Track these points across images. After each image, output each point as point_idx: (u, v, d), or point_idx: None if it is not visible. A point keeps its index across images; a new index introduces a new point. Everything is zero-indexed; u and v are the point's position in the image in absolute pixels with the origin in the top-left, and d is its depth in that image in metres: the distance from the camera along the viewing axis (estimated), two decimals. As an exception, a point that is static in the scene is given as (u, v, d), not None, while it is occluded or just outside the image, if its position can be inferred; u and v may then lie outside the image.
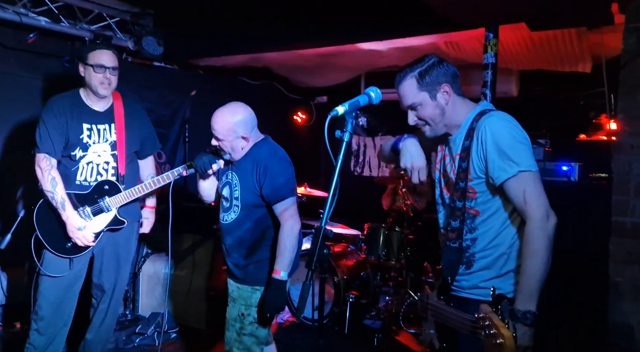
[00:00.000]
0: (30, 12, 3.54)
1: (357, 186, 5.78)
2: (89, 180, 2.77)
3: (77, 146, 2.74)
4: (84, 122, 2.76)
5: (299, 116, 6.20)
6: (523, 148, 1.65)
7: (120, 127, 2.82)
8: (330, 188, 1.51)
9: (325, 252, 1.48)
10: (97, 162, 2.78)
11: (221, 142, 2.34)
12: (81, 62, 2.74)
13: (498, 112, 1.75)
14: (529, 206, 1.61)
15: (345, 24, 3.52)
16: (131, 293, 4.16)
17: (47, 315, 2.70)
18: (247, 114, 2.37)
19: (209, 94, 4.92)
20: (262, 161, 2.30)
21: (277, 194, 2.28)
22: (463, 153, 1.74)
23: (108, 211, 2.76)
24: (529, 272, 1.59)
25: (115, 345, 3.64)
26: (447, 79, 1.75)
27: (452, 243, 1.78)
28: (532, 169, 1.63)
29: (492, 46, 3.02)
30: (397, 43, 3.87)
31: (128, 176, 2.85)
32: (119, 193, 2.77)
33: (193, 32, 4.20)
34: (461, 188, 1.75)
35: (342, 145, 1.54)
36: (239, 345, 2.32)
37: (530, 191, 1.61)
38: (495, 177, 1.66)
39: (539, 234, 1.58)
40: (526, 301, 1.58)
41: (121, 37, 4.12)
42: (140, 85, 4.38)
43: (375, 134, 6.11)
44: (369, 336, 3.86)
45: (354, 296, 3.96)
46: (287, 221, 2.28)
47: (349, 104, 1.58)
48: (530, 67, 4.13)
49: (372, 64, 4.75)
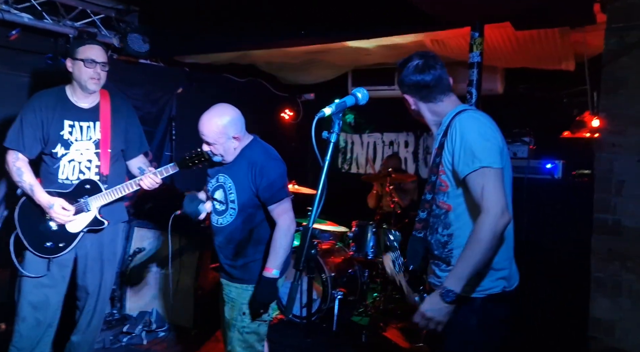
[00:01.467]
0: (12, 9, 3.48)
1: (344, 183, 5.79)
2: (71, 178, 2.71)
3: (58, 143, 2.68)
4: (65, 119, 2.70)
5: (286, 113, 6.19)
6: (488, 145, 1.71)
7: (105, 125, 2.75)
8: (318, 190, 1.52)
9: (312, 252, 1.49)
10: (79, 160, 2.71)
11: (213, 146, 2.32)
12: (69, 58, 2.69)
13: (472, 111, 1.84)
14: (485, 201, 1.66)
15: (332, 22, 3.52)
16: (118, 292, 4.13)
17: (28, 316, 2.66)
18: (235, 114, 2.35)
19: (195, 91, 4.90)
20: (257, 163, 2.31)
21: (275, 195, 2.30)
22: (438, 149, 1.83)
23: (88, 210, 2.69)
24: (466, 257, 1.67)
25: (102, 345, 3.61)
26: (409, 90, 1.89)
27: (417, 233, 1.89)
28: (494, 166, 1.69)
29: (478, 45, 3.04)
30: (384, 41, 3.88)
31: (112, 175, 2.78)
32: (99, 193, 2.70)
33: (179, 29, 4.16)
34: (432, 181, 1.84)
35: (329, 146, 1.55)
36: (242, 344, 2.35)
37: (489, 187, 1.66)
38: (459, 171, 1.73)
39: (487, 228, 1.64)
40: (454, 282, 1.66)
41: (106, 34, 4.07)
42: (125, 82, 4.34)
43: (363, 132, 6.13)
44: (357, 332, 3.89)
45: (341, 293, 3.97)
46: (284, 221, 2.31)
47: (335, 105, 1.59)
48: (515, 65, 4.18)
49: (359, 62, 4.76)
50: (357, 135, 6.17)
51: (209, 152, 2.36)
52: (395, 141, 5.90)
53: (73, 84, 2.73)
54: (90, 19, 3.93)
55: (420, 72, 1.84)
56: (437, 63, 1.86)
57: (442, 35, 3.65)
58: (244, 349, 2.36)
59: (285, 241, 2.29)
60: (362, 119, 6.13)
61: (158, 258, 4.12)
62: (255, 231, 2.37)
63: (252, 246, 2.38)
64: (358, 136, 6.16)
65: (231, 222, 2.38)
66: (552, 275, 2.77)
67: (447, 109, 1.87)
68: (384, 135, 5.99)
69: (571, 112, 4.24)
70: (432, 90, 1.85)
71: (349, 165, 6.22)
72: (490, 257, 1.68)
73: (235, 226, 2.37)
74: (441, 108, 1.88)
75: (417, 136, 5.75)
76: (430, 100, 1.87)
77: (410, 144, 5.79)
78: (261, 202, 2.34)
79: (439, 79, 1.84)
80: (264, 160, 2.33)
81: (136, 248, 4.15)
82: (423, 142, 5.69)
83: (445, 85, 1.87)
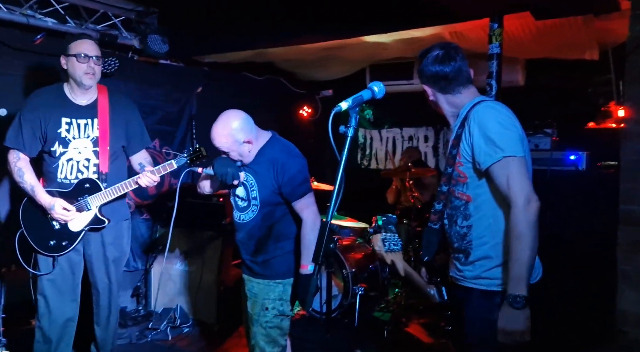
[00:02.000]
0: (37, 14, 3.57)
1: (364, 179, 5.78)
2: (70, 178, 2.71)
3: (56, 141, 2.67)
4: (63, 117, 2.68)
5: (305, 110, 6.20)
6: (509, 134, 1.69)
7: (103, 122, 2.72)
8: (335, 184, 1.52)
9: (331, 246, 1.50)
10: (78, 159, 2.70)
11: (228, 153, 2.39)
12: (63, 55, 2.69)
13: (490, 101, 1.82)
14: (512, 192, 1.64)
15: (349, 17, 3.50)
16: (143, 289, 4.22)
17: (46, 312, 2.73)
18: (240, 119, 2.37)
19: (214, 90, 4.94)
20: (278, 160, 2.35)
21: (297, 192, 2.34)
22: (455, 140, 1.82)
23: (88, 209, 2.69)
24: (515, 256, 1.63)
25: (129, 340, 3.70)
26: (427, 81, 1.88)
27: (433, 225, 1.88)
28: (517, 154, 1.67)
29: (497, 36, 3.00)
30: (401, 35, 3.85)
31: (112, 173, 2.76)
32: (99, 192, 2.69)
33: (197, 29, 4.21)
34: (448, 173, 1.83)
35: (346, 141, 1.55)
36: (265, 338, 2.40)
37: (514, 176, 1.65)
38: (481, 162, 1.71)
39: (522, 219, 1.62)
40: (515, 286, 1.61)
41: (127, 36, 4.14)
42: (146, 83, 4.41)
43: (382, 127, 6.10)
44: (379, 328, 3.89)
45: (363, 288, 3.98)
46: (309, 216, 2.35)
47: (352, 100, 1.58)
48: (536, 56, 4.09)
49: (377, 56, 4.73)
50: (376, 130, 6.14)
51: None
52: (415, 136, 5.85)
53: (70, 81, 2.73)
54: (111, 22, 4.01)
55: (440, 63, 1.82)
56: (458, 54, 1.84)
57: (461, 28, 3.60)
58: (267, 344, 2.40)
59: (314, 235, 2.28)
60: (380, 114, 6.09)
61: (181, 255, 4.20)
62: (276, 227, 2.40)
63: (273, 242, 2.41)
64: (377, 131, 6.14)
65: (253, 218, 2.42)
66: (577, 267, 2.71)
67: (465, 101, 1.86)
68: (403, 130, 5.95)
69: (596, 102, 4.13)
70: (451, 82, 1.83)
71: (368, 161, 6.20)
72: (536, 247, 1.64)
73: (256, 222, 2.41)
74: (459, 100, 1.87)
75: (436, 130, 5.69)
76: (449, 92, 1.86)
77: (430, 139, 5.73)
78: (284, 198, 2.37)
79: (459, 70, 1.83)
80: (285, 158, 2.37)
81: (159, 246, 4.23)
82: (443, 137, 5.63)
83: (465, 78, 1.85)
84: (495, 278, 1.75)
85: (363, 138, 6.24)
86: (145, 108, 4.41)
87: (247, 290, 2.51)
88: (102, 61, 2.71)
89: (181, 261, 4.18)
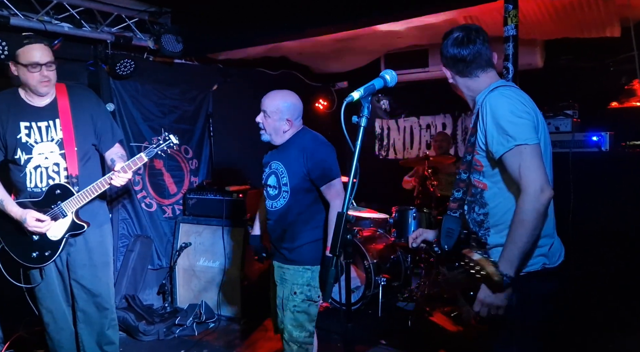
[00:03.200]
0: (53, 20, 3.64)
1: (383, 170, 5.75)
2: (40, 185, 2.54)
3: (18, 148, 2.51)
4: (21, 121, 2.51)
5: (321, 103, 6.19)
6: (520, 122, 1.67)
7: (66, 122, 2.53)
8: (350, 174, 1.52)
9: (348, 237, 1.50)
10: (46, 165, 2.53)
11: (266, 119, 2.49)
12: (12, 61, 2.47)
13: (503, 88, 1.77)
14: (523, 180, 1.63)
15: (361, 6, 3.47)
16: (168, 286, 4.30)
17: (50, 321, 2.71)
18: (296, 101, 2.56)
19: (230, 87, 4.97)
20: (307, 147, 2.46)
21: (326, 176, 2.43)
22: (473, 128, 1.81)
23: (64, 216, 2.54)
24: (513, 239, 1.63)
25: (157, 337, 3.78)
26: (446, 63, 1.89)
27: (452, 212, 1.86)
28: (530, 142, 1.64)
29: (512, 18, 2.92)
30: (415, 22, 3.79)
31: (83, 175, 2.58)
32: (71, 196, 2.52)
33: (210, 27, 4.23)
34: (467, 161, 1.82)
35: (359, 131, 1.55)
36: (294, 322, 2.46)
37: (526, 165, 1.63)
38: (494, 151, 1.70)
39: (529, 207, 1.61)
40: (506, 266, 1.63)
41: (141, 37, 4.19)
42: (163, 83, 4.46)
43: (398, 116, 6.05)
44: (403, 318, 3.88)
45: (385, 279, 3.97)
46: (335, 200, 2.43)
47: (364, 89, 1.58)
48: (555, 36, 3.99)
49: (391, 45, 4.68)
50: (393, 120, 6.09)
51: (260, 124, 2.51)
52: (432, 124, 5.78)
53: (23, 86, 2.55)
54: (125, 24, 4.06)
55: (459, 46, 1.82)
56: (479, 37, 1.82)
57: (475, 11, 3.52)
58: (295, 328, 2.46)
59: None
60: (397, 103, 6.04)
61: (204, 252, 4.25)
62: (306, 213, 2.48)
63: (303, 228, 2.48)
64: (394, 121, 6.08)
65: (284, 205, 2.49)
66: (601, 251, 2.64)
67: (482, 86, 1.84)
68: (420, 119, 5.88)
69: (619, 80, 4.01)
70: (469, 65, 1.82)
71: (386, 151, 6.16)
72: (536, 235, 1.64)
73: (287, 209, 2.48)
74: (476, 84, 1.85)
75: (454, 117, 5.61)
76: (466, 75, 1.86)
77: (447, 126, 5.66)
78: (314, 184, 2.45)
79: (477, 54, 1.81)
80: (314, 145, 2.50)
81: (182, 243, 4.29)
82: (461, 124, 5.55)
83: (485, 61, 1.83)
84: None
85: (380, 128, 6.19)
86: (163, 108, 4.47)
87: (277, 277, 2.56)
88: (56, 65, 2.46)
89: (205, 257, 4.24)
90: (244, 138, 4.72)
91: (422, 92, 5.45)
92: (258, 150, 3.09)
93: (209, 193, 4.33)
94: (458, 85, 1.90)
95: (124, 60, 3.94)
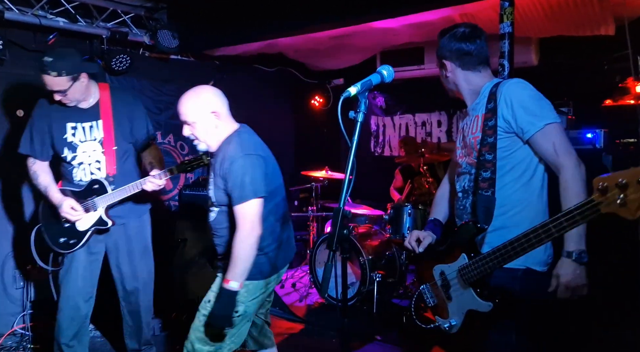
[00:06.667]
0: (48, 14, 3.62)
1: (378, 167, 5.76)
2: (85, 180, 2.76)
3: (64, 146, 2.71)
4: (67, 122, 2.71)
5: (317, 100, 6.19)
6: (545, 103, 1.76)
7: (107, 123, 2.74)
8: (347, 169, 1.52)
9: (345, 232, 1.50)
10: (89, 162, 2.75)
11: (192, 126, 2.17)
12: None
13: (514, 78, 1.88)
14: (561, 156, 1.69)
15: (358, 3, 3.47)
16: (164, 282, 4.29)
17: (63, 307, 2.79)
18: (213, 91, 2.23)
19: (226, 84, 4.95)
20: (227, 157, 2.11)
21: (239, 195, 2.06)
22: (488, 114, 1.83)
23: (95, 210, 2.74)
24: None
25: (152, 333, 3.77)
26: (450, 56, 1.91)
27: (484, 192, 1.82)
28: (557, 120, 1.73)
29: (508, 15, 2.93)
30: (411, 19, 3.81)
31: (120, 174, 2.76)
32: (106, 193, 2.72)
33: (206, 23, 4.22)
34: (489, 142, 1.81)
35: (356, 126, 1.55)
36: (197, 332, 2.18)
37: (559, 141, 1.70)
38: (525, 131, 1.74)
39: (578, 178, 1.66)
40: (579, 241, 1.63)
41: (137, 33, 4.17)
42: (159, 79, 4.46)
43: (394, 114, 6.06)
44: (398, 314, 3.90)
45: (380, 275, 3.99)
46: (242, 226, 2.06)
47: (361, 84, 1.57)
48: (550, 34, 4.01)
49: (387, 43, 4.69)
50: (389, 117, 6.10)
51: (190, 136, 2.22)
52: (428, 121, 5.80)
53: None
54: (121, 19, 4.04)
55: (466, 40, 1.88)
56: (483, 34, 1.91)
57: (471, 9, 3.53)
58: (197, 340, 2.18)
59: (242, 249, 2.05)
60: (393, 100, 6.05)
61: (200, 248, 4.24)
62: (233, 229, 2.14)
63: (230, 244, 2.13)
64: (389, 118, 6.10)
65: (215, 218, 2.24)
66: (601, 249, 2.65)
67: (483, 81, 1.91)
68: (415, 116, 5.90)
69: (613, 79, 4.04)
70: (474, 58, 1.89)
71: (382, 148, 6.17)
72: None
73: (217, 222, 2.24)
74: (478, 79, 1.91)
75: (449, 115, 5.63)
76: (469, 69, 1.91)
77: (443, 124, 5.68)
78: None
79: (482, 49, 1.90)
80: (234, 155, 2.10)
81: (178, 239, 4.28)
82: (457, 121, 5.57)
83: (485, 58, 1.92)
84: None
85: (376, 125, 6.20)
86: (159, 104, 4.46)
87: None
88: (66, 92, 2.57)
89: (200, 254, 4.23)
90: (240, 134, 4.71)
91: (418, 90, 5.46)
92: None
93: (204, 189, 4.32)
94: (457, 78, 1.93)
95: (119, 56, 3.93)
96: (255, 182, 2.08)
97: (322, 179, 4.88)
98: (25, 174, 2.81)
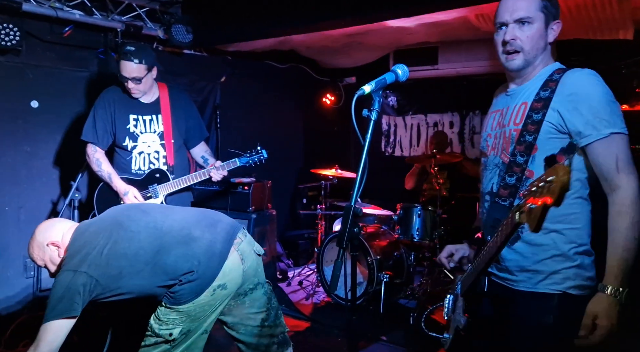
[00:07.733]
0: (64, 7, 3.65)
1: (388, 167, 5.74)
2: (143, 168, 2.99)
3: (126, 136, 2.96)
4: (130, 113, 2.96)
5: (328, 98, 6.17)
6: (616, 107, 1.46)
7: (166, 118, 2.98)
8: (359, 167, 1.51)
9: (355, 230, 1.49)
10: (148, 151, 2.98)
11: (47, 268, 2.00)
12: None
13: (586, 69, 1.55)
14: (623, 174, 1.41)
15: (372, 1, 3.45)
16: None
17: None
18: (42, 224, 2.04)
19: (238, 79, 4.97)
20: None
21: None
22: (538, 103, 1.53)
23: (156, 197, 2.95)
24: (630, 245, 1.39)
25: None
26: (545, 8, 1.60)
27: (501, 201, 1.56)
28: (626, 131, 1.45)
29: (525, 16, 2.90)
30: (425, 19, 3.78)
31: (177, 165, 3.02)
32: (168, 182, 2.96)
33: (221, 18, 4.23)
34: (526, 142, 1.51)
35: (369, 124, 1.54)
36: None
37: (623, 157, 1.42)
38: (584, 134, 1.45)
39: (638, 205, 1.40)
40: (627, 279, 1.39)
41: (151, 27, 4.19)
42: (171, 73, 4.47)
43: (406, 113, 6.03)
44: (405, 315, 3.88)
45: (388, 275, 3.97)
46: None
47: (375, 83, 1.55)
48: (567, 37, 3.95)
49: (400, 42, 4.66)
50: (400, 117, 6.07)
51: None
52: (440, 122, 5.76)
53: None
54: (136, 13, 4.06)
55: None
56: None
57: (488, 9, 3.50)
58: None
59: None
60: (404, 100, 6.02)
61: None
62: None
63: None
64: (401, 118, 6.06)
65: None
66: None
67: (546, 58, 1.61)
68: (427, 117, 5.86)
69: (630, 83, 3.98)
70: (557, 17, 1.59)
71: (393, 148, 6.14)
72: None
73: None
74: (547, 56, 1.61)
75: (462, 116, 5.58)
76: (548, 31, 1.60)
77: (455, 125, 5.63)
78: None
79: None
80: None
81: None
82: (469, 122, 5.52)
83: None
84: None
85: (387, 125, 6.18)
86: (170, 98, 4.47)
87: None
88: (140, 80, 2.85)
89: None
90: (251, 130, 4.72)
91: (431, 90, 5.43)
92: (265, 143, 3.11)
93: (213, 185, 4.33)
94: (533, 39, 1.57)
95: (133, 49, 3.93)
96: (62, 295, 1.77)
97: (331, 177, 4.87)
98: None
